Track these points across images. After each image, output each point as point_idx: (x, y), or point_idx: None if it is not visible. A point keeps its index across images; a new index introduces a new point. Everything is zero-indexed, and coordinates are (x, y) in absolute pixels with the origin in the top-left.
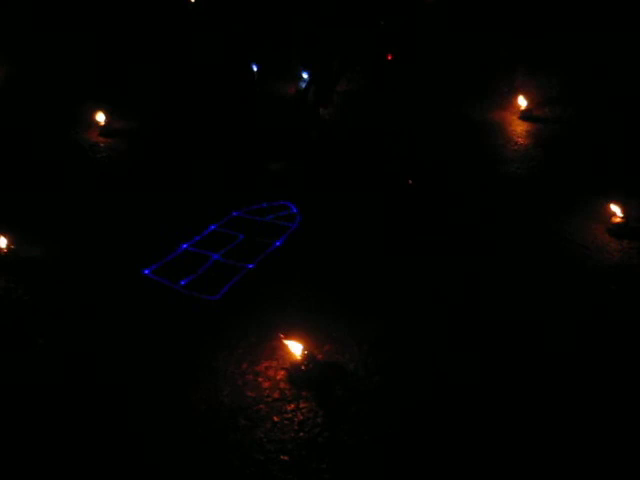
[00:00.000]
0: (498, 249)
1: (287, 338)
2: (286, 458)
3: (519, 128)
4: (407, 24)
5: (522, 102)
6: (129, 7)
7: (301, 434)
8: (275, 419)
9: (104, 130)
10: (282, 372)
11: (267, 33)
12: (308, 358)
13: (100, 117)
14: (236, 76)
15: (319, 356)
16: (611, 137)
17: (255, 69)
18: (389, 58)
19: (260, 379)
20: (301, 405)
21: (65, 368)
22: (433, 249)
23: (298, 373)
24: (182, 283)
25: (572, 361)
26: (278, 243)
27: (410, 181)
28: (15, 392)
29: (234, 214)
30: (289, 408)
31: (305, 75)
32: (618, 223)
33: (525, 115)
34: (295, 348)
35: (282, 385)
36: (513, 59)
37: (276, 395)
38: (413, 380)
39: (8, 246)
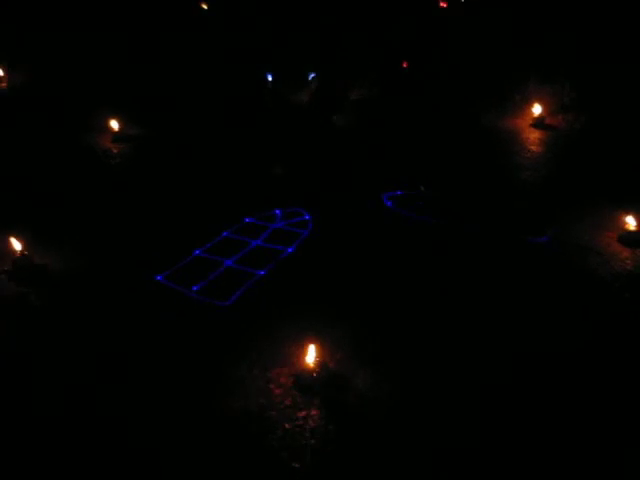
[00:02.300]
0: (510, 256)
1: (301, 346)
2: (297, 465)
3: (532, 136)
4: (422, 31)
5: (535, 110)
6: (144, 13)
7: (312, 441)
8: (286, 426)
9: (118, 136)
10: (293, 379)
11: (282, 41)
12: (320, 365)
13: (114, 123)
14: (250, 85)
15: (331, 364)
16: (624, 145)
17: (269, 78)
18: (405, 65)
19: (271, 386)
20: (312, 413)
21: (76, 375)
22: (445, 258)
23: (310, 380)
24: (194, 289)
25: (587, 369)
26: (290, 250)
27: (422, 187)
28: (26, 399)
29: (246, 220)
30: (300, 415)
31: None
32: (631, 231)
33: (538, 123)
34: (308, 355)
35: (294, 392)
36: (526, 67)
37: (288, 402)
38: (424, 389)
39: (21, 251)
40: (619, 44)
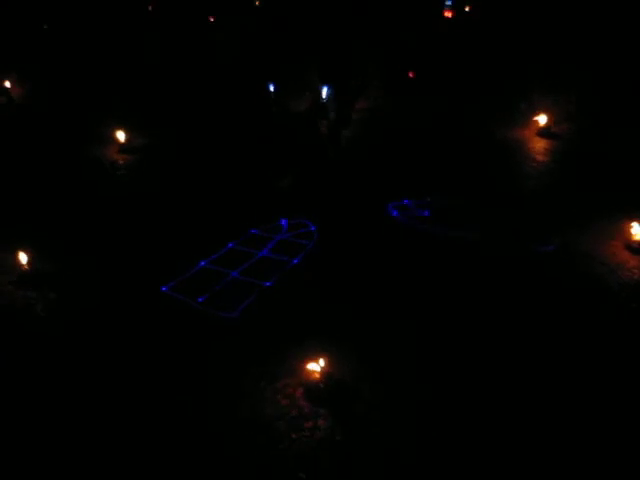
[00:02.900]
0: (516, 265)
1: (308, 357)
2: (304, 476)
3: (537, 145)
4: (428, 42)
5: (541, 119)
6: (151, 24)
7: (319, 452)
8: (294, 436)
9: (124, 147)
10: (300, 390)
11: (286, 51)
12: (326, 376)
13: (120, 135)
14: (253, 95)
15: (337, 374)
16: (630, 154)
17: (272, 89)
18: (411, 76)
19: (278, 396)
20: (319, 423)
21: (84, 385)
22: (452, 268)
23: (316, 391)
24: (200, 300)
25: (592, 379)
26: (296, 261)
27: (428, 198)
28: (37, 412)
29: (252, 232)
30: (307, 426)
31: (324, 93)
32: (638, 240)
33: (543, 132)
34: (314, 366)
35: (300, 402)
36: (532, 77)
37: (294, 412)
38: (431, 400)
39: (28, 262)
40: (622, 54)
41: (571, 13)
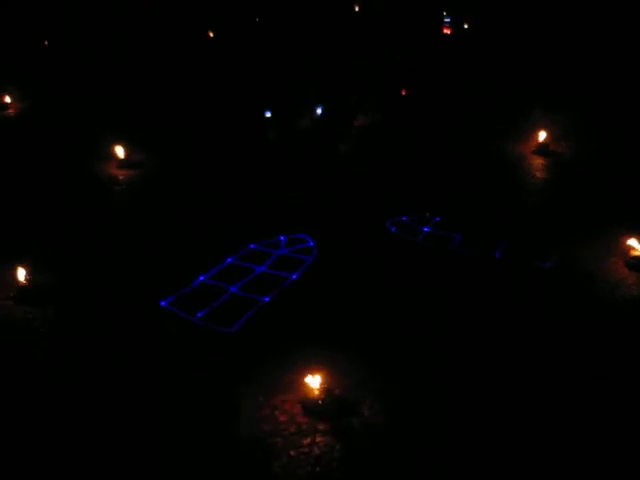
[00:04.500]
0: (514, 283)
1: (307, 372)
2: None
3: (536, 162)
4: (422, 59)
5: (540, 136)
6: (150, 43)
7: (317, 469)
8: (291, 453)
9: (123, 163)
10: (298, 406)
11: (283, 70)
12: (325, 392)
13: (119, 150)
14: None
15: (336, 390)
16: (628, 170)
17: (268, 114)
18: (404, 93)
19: (276, 412)
20: (317, 439)
21: (81, 401)
22: (451, 284)
23: (315, 407)
24: (199, 315)
25: (591, 397)
26: (294, 277)
27: (427, 213)
28: (34, 427)
29: (251, 247)
30: (305, 442)
31: (320, 110)
32: (637, 256)
33: (541, 149)
34: (313, 382)
35: (298, 419)
36: (530, 95)
37: (292, 429)
38: (431, 417)
39: (26, 277)
40: (621, 72)
41: (572, 31)
